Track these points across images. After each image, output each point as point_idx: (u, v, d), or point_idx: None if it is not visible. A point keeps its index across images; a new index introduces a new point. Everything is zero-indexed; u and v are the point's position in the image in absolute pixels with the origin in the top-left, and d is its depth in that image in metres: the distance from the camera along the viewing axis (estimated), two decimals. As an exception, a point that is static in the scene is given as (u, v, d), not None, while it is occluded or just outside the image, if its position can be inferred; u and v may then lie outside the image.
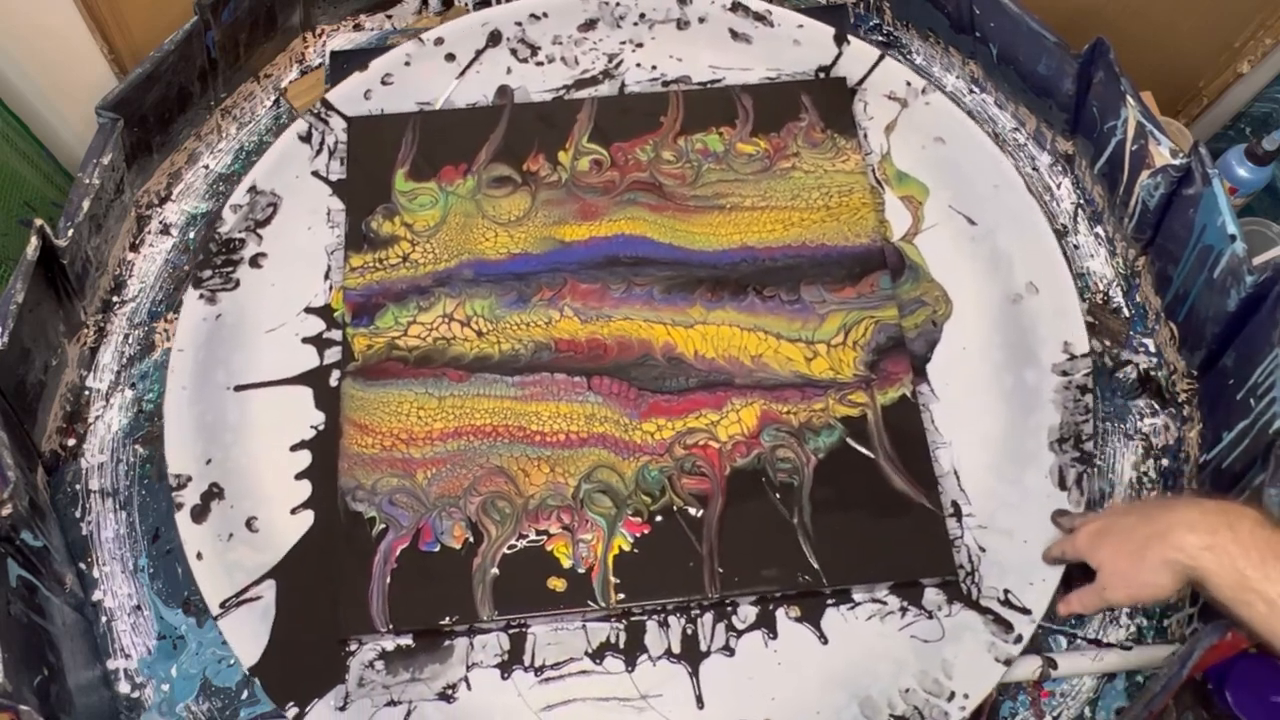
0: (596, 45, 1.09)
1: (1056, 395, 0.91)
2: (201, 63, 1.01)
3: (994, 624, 0.83)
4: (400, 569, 0.83)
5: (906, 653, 0.82)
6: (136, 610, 0.85)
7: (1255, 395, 0.83)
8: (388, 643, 0.83)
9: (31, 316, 0.87)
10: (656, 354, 0.91)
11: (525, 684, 0.81)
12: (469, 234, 0.97)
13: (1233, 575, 0.68)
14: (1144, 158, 0.92)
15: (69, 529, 0.87)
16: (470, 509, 0.85)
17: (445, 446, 0.87)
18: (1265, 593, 0.66)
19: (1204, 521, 0.70)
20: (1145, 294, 0.98)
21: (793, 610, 0.84)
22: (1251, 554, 0.67)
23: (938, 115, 1.04)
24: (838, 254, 0.95)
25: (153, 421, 0.92)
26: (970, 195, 1.00)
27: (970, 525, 0.86)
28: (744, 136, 1.01)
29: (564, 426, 0.88)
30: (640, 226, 0.97)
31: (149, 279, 0.99)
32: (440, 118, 1.04)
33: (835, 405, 0.89)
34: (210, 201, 1.03)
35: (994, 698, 0.83)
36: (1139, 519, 0.75)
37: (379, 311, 0.93)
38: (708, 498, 0.85)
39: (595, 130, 1.02)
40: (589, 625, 0.83)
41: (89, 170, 0.93)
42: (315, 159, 1.02)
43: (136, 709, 0.82)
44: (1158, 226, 0.95)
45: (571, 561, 0.83)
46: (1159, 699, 0.75)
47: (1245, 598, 0.67)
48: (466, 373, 0.90)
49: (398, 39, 1.12)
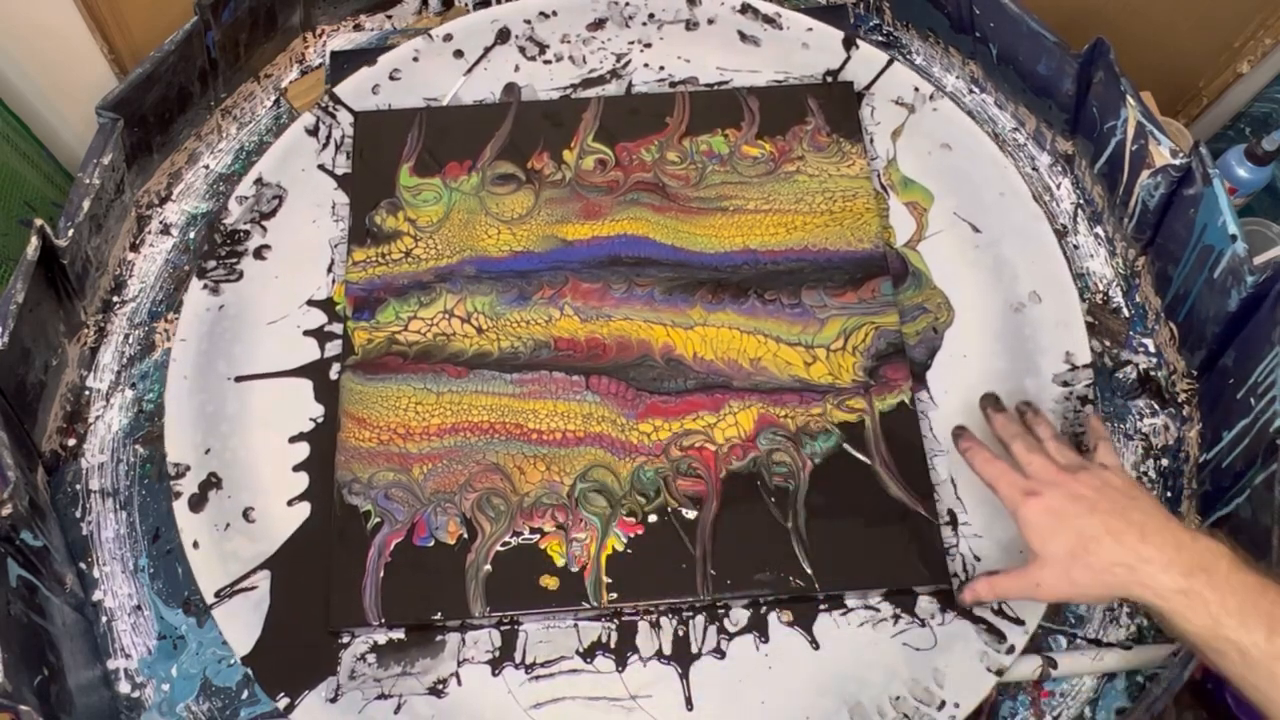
0: (605, 45, 1.09)
1: (1057, 405, 0.90)
2: (201, 63, 1.01)
3: (987, 634, 0.82)
4: (394, 563, 0.83)
5: (898, 660, 0.82)
6: (137, 610, 0.86)
7: (1255, 394, 0.82)
8: (380, 636, 0.83)
9: (32, 316, 0.87)
10: (655, 355, 0.91)
11: (515, 681, 0.81)
12: (472, 231, 0.97)
13: (1206, 622, 0.65)
14: (1144, 158, 0.92)
15: (69, 529, 0.88)
16: (465, 505, 0.85)
17: (442, 442, 0.88)
18: (1239, 642, 0.64)
19: (1180, 561, 0.67)
20: (1145, 294, 0.98)
21: (785, 614, 0.83)
22: (1229, 601, 0.65)
23: (945, 121, 1.04)
24: (840, 259, 0.95)
25: (153, 421, 0.92)
26: (975, 202, 1.00)
27: (966, 534, 0.86)
28: (749, 139, 1.01)
29: (561, 425, 0.88)
30: (643, 227, 0.97)
31: (149, 279, 1.00)
32: (446, 114, 1.04)
33: (833, 410, 0.89)
34: (210, 201, 1.04)
35: (994, 698, 0.82)
36: (1107, 532, 0.70)
37: (380, 306, 0.93)
38: (702, 500, 0.85)
39: (601, 130, 1.02)
40: (580, 624, 0.83)
41: (89, 170, 0.93)
42: (321, 152, 1.03)
43: (136, 709, 0.82)
44: (1158, 226, 0.94)
45: (565, 560, 0.83)
46: (1160, 701, 0.75)
47: (1218, 645, 0.65)
48: (465, 369, 0.90)
49: (398, 39, 1.12)
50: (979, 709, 0.81)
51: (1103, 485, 0.74)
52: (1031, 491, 0.74)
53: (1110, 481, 0.74)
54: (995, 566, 0.83)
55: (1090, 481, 0.74)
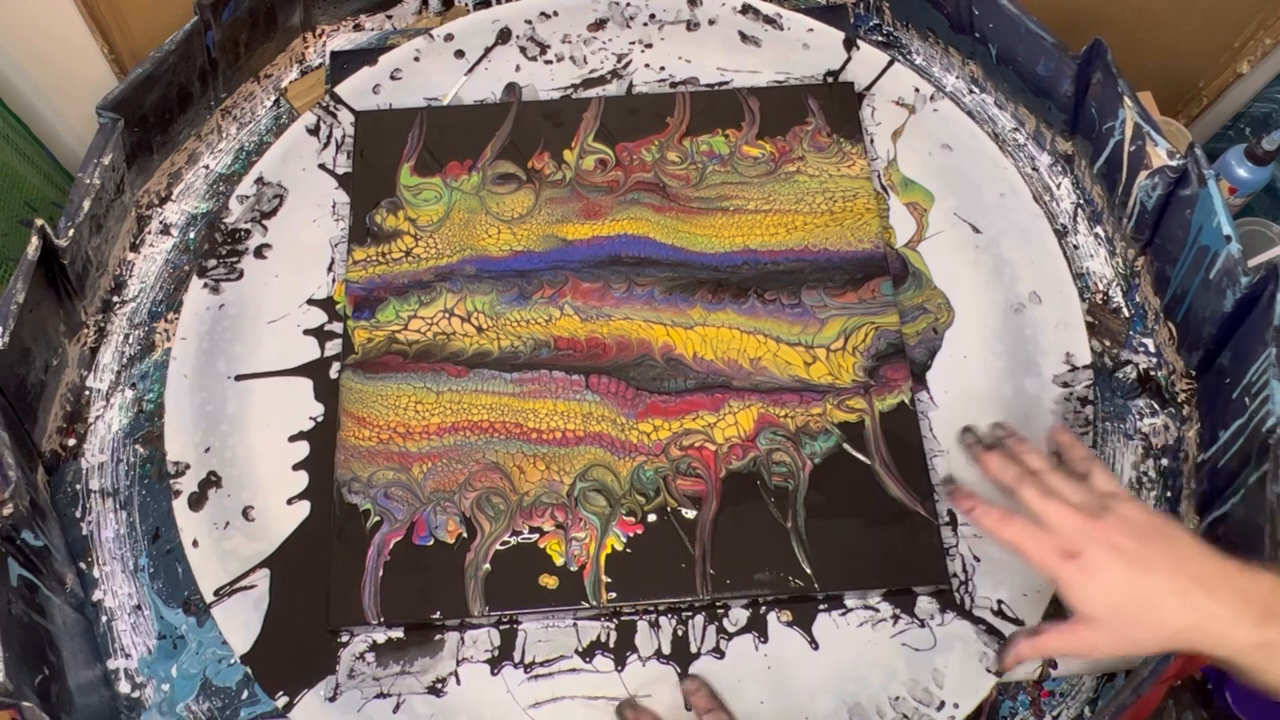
0: (606, 45, 1.09)
1: (1056, 406, 0.90)
2: (201, 63, 1.01)
3: (986, 634, 0.82)
4: (393, 562, 0.83)
5: (897, 660, 0.82)
6: (137, 610, 0.86)
7: (1250, 394, 0.82)
8: (379, 635, 0.83)
9: (32, 316, 0.87)
10: (655, 354, 0.91)
11: (514, 680, 0.82)
12: (472, 230, 0.97)
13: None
14: (1142, 158, 0.92)
15: (69, 529, 0.88)
16: (465, 504, 0.85)
17: (442, 441, 0.88)
18: None
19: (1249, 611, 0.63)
20: (1145, 294, 0.98)
21: (784, 614, 0.84)
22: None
23: (946, 122, 1.04)
24: (840, 259, 0.95)
25: (153, 421, 0.92)
26: (976, 203, 1.00)
27: (965, 534, 0.86)
28: (750, 139, 1.01)
29: (561, 424, 0.88)
30: (643, 227, 0.97)
31: (149, 279, 1.00)
32: (447, 114, 1.04)
33: (833, 410, 0.89)
34: (210, 201, 1.04)
35: (994, 697, 0.82)
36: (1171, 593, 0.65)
37: (380, 305, 0.93)
38: (702, 499, 0.85)
39: (601, 129, 1.02)
40: (580, 624, 0.83)
41: (89, 170, 0.93)
42: (322, 152, 1.03)
43: (136, 708, 0.82)
44: (1156, 227, 0.94)
45: (564, 559, 0.83)
46: (1146, 684, 0.75)
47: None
48: (465, 368, 0.91)
49: (398, 39, 1.12)
50: (978, 709, 0.81)
51: (1138, 532, 0.68)
52: (1070, 555, 0.68)
53: (1137, 521, 0.68)
54: (993, 568, 0.83)
55: (1122, 528, 0.68)
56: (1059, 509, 0.69)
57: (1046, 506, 0.70)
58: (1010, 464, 0.75)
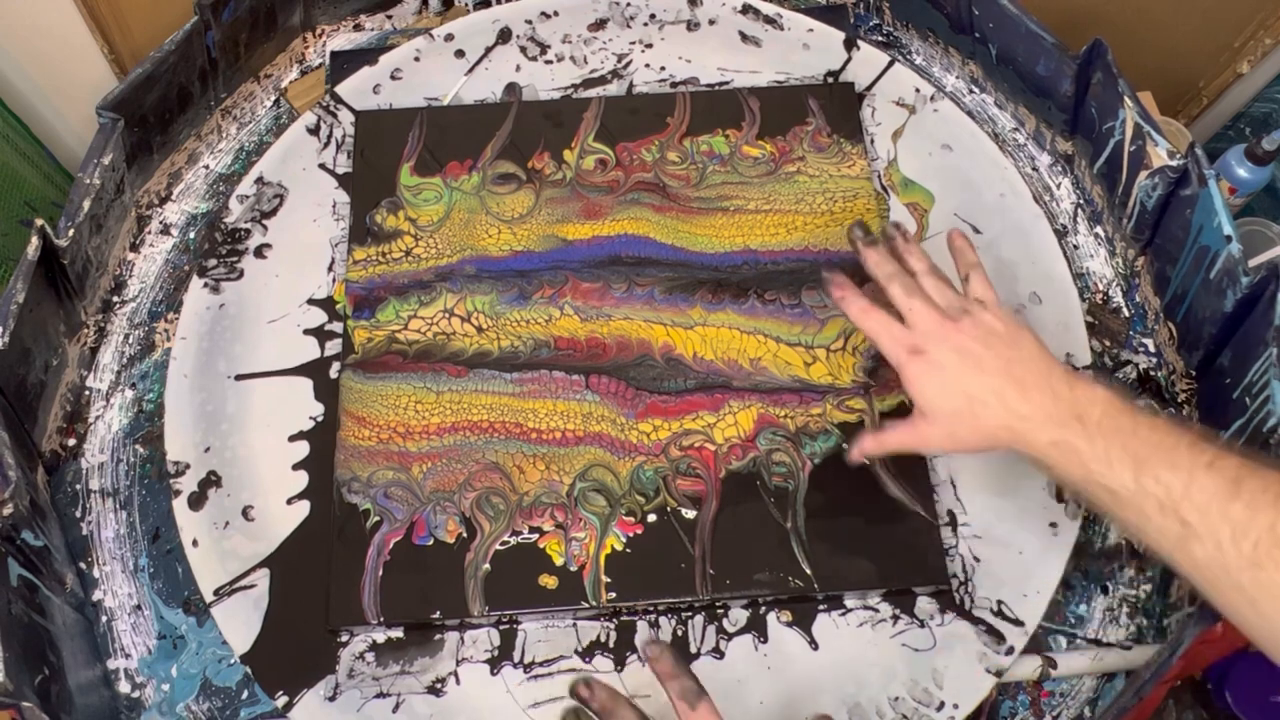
0: (606, 45, 1.09)
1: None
2: (201, 63, 1.01)
3: (986, 635, 0.82)
4: (393, 562, 0.83)
5: (897, 661, 0.82)
6: (137, 610, 0.86)
7: (1250, 394, 0.82)
8: (379, 635, 0.83)
9: (32, 316, 0.87)
10: (655, 354, 0.91)
11: (514, 680, 0.81)
12: (472, 230, 0.97)
13: (1080, 471, 0.67)
14: (1142, 158, 0.92)
15: (69, 529, 0.88)
16: (464, 504, 0.85)
17: (442, 441, 0.88)
18: (1109, 485, 0.65)
19: (1055, 413, 0.68)
20: (1145, 294, 0.98)
21: (784, 614, 0.84)
22: (1098, 446, 0.66)
23: (946, 122, 1.04)
24: (840, 259, 0.95)
25: (153, 421, 0.92)
26: (976, 204, 1.00)
27: (965, 535, 0.86)
28: (750, 139, 1.01)
29: (561, 424, 0.88)
30: (643, 227, 0.97)
31: (149, 279, 1.00)
32: (447, 114, 1.04)
33: (833, 411, 0.89)
34: (210, 201, 1.04)
35: (993, 697, 0.82)
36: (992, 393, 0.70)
37: (380, 305, 0.93)
38: (702, 500, 0.85)
39: (601, 129, 1.02)
40: (579, 624, 0.83)
41: (89, 170, 0.93)
42: (323, 152, 1.03)
43: (136, 708, 0.82)
44: (1156, 227, 0.94)
45: (563, 559, 0.83)
46: (1148, 685, 0.75)
47: (1091, 491, 0.67)
48: (465, 368, 0.90)
49: (398, 39, 1.12)
50: (978, 709, 0.81)
51: (987, 334, 0.73)
52: (916, 349, 0.74)
53: (993, 328, 0.74)
54: (993, 568, 0.83)
55: (973, 331, 0.73)
56: (919, 306, 0.75)
57: (909, 303, 0.76)
58: (888, 261, 0.80)
